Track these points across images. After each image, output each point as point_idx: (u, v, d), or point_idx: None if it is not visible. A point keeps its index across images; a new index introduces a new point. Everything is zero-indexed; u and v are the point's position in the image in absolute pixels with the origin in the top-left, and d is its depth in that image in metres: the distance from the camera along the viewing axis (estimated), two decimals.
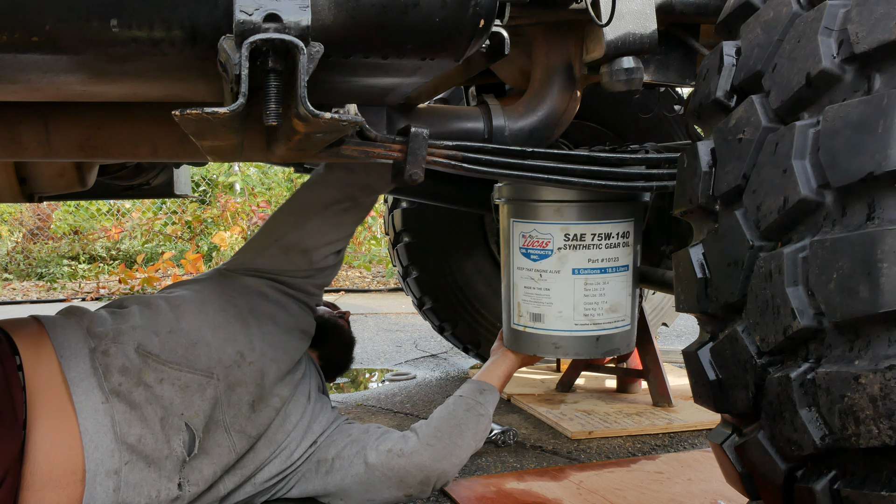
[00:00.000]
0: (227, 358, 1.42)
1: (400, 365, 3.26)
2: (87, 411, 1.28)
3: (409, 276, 2.81)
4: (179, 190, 2.48)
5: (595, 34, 1.32)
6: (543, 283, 1.61)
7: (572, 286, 1.59)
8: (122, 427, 1.30)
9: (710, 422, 2.18)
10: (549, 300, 1.61)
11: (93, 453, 1.26)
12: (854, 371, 0.79)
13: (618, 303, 1.62)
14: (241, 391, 1.42)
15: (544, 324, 1.62)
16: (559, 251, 1.58)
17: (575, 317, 1.59)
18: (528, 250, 1.62)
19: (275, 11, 0.80)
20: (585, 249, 1.58)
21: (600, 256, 1.59)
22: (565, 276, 1.59)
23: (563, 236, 1.58)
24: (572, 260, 1.58)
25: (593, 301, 1.60)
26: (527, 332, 1.65)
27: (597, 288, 1.60)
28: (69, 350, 1.33)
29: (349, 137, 1.21)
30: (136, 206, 7.38)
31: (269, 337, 1.50)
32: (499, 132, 1.42)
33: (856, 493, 0.82)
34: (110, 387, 1.31)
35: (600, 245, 1.58)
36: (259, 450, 1.47)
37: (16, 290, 6.27)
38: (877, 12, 0.83)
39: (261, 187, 7.46)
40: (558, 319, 1.61)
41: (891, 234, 0.77)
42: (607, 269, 1.60)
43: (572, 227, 1.57)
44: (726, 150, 0.98)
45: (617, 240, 1.59)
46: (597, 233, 1.58)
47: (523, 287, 1.64)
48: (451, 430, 1.51)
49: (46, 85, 1.01)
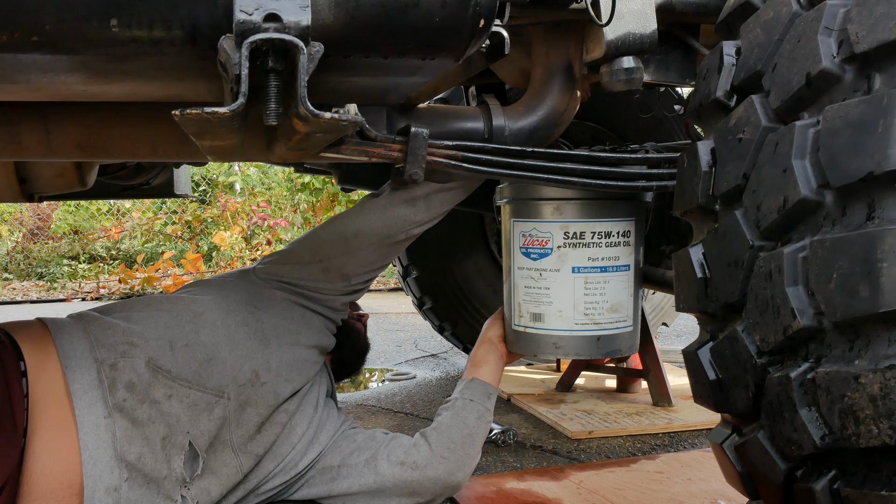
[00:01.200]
0: (241, 376, 1.39)
1: (400, 365, 3.26)
2: (88, 426, 1.25)
3: (409, 276, 2.81)
4: (179, 190, 2.48)
5: (595, 34, 1.32)
6: (543, 282, 1.60)
7: (572, 285, 1.58)
8: (122, 444, 1.27)
9: (710, 422, 2.18)
10: (549, 299, 1.60)
11: (91, 469, 1.24)
12: (854, 371, 0.79)
13: (619, 303, 1.62)
14: (251, 411, 1.40)
15: (544, 323, 1.62)
16: (559, 249, 1.58)
17: (575, 316, 1.59)
18: (528, 249, 1.62)
19: (275, 11, 0.80)
20: (585, 248, 1.58)
21: (600, 255, 1.59)
22: (565, 275, 1.58)
23: (562, 234, 1.58)
24: (572, 258, 1.57)
25: (594, 300, 1.59)
26: (527, 332, 1.65)
27: (597, 287, 1.59)
28: (74, 360, 1.29)
29: (349, 137, 1.21)
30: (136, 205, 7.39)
31: (287, 357, 1.46)
32: (499, 132, 1.42)
33: (856, 492, 0.82)
34: (114, 402, 1.28)
35: (600, 243, 1.58)
36: (263, 464, 1.44)
37: (16, 289, 6.27)
38: (877, 12, 0.83)
39: (261, 187, 7.46)
40: (558, 319, 1.60)
41: (891, 233, 0.77)
42: (608, 268, 1.60)
43: (572, 224, 1.57)
44: (726, 150, 0.98)
45: (617, 238, 1.59)
46: (597, 231, 1.57)
47: (524, 287, 1.64)
48: (464, 441, 1.49)
49: (46, 85, 1.01)
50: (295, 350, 1.49)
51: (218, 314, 1.43)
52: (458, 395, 1.58)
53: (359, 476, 1.47)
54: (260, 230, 6.86)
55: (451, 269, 2.78)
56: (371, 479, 1.46)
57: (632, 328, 1.66)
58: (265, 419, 1.41)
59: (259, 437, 1.41)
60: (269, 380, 1.42)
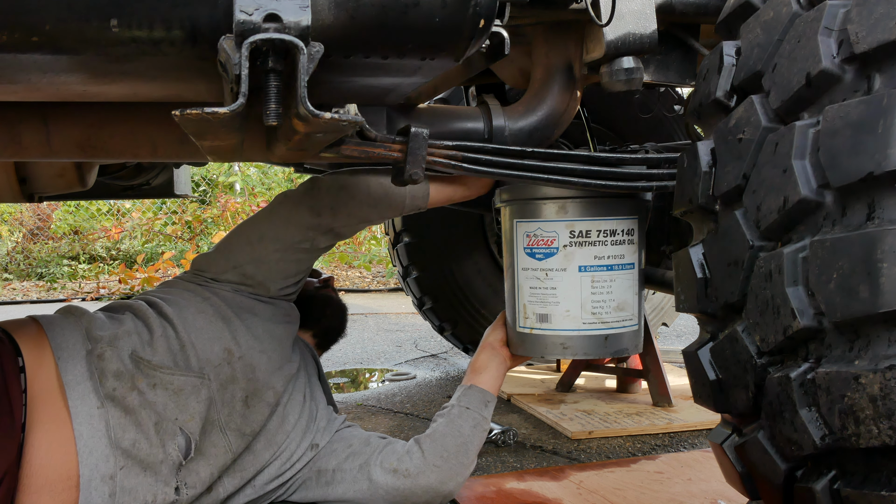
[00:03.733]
0: (215, 357, 1.41)
1: (400, 365, 3.26)
2: (82, 416, 1.27)
3: (409, 276, 2.81)
4: (179, 190, 2.48)
5: (595, 34, 1.32)
6: (550, 281, 1.59)
7: (579, 284, 1.57)
8: (116, 432, 1.29)
9: (710, 422, 2.18)
10: (556, 299, 1.59)
11: (87, 458, 1.25)
12: (854, 371, 0.79)
13: (625, 301, 1.61)
14: (234, 388, 1.41)
15: (551, 324, 1.60)
16: (565, 248, 1.57)
17: (583, 315, 1.58)
18: (532, 249, 1.61)
19: (275, 11, 0.80)
20: (591, 246, 1.56)
21: (606, 253, 1.58)
22: (572, 274, 1.57)
23: (568, 233, 1.56)
24: (578, 257, 1.56)
25: (601, 299, 1.58)
26: (533, 333, 1.63)
27: (604, 285, 1.58)
28: (66, 352, 1.32)
29: (349, 137, 1.21)
30: (136, 206, 7.39)
31: (252, 329, 1.47)
32: (499, 132, 1.42)
33: (856, 493, 0.82)
34: (105, 391, 1.30)
35: (606, 241, 1.57)
36: (258, 452, 1.45)
37: (16, 290, 6.27)
38: (877, 12, 0.83)
39: (261, 187, 7.46)
40: (566, 319, 1.59)
41: (891, 234, 0.77)
42: (614, 267, 1.59)
43: (577, 223, 1.56)
44: (726, 150, 0.98)
45: (622, 237, 1.58)
46: (602, 229, 1.57)
47: (529, 288, 1.63)
48: (457, 450, 1.47)
49: (46, 85, 1.01)
50: (257, 322, 1.49)
51: (173, 309, 1.45)
52: (455, 401, 1.56)
53: (353, 482, 1.48)
54: None
55: (451, 269, 2.78)
56: (364, 485, 1.47)
57: (637, 327, 1.65)
58: (249, 394, 1.42)
59: (248, 413, 1.42)
60: (243, 354, 1.43)
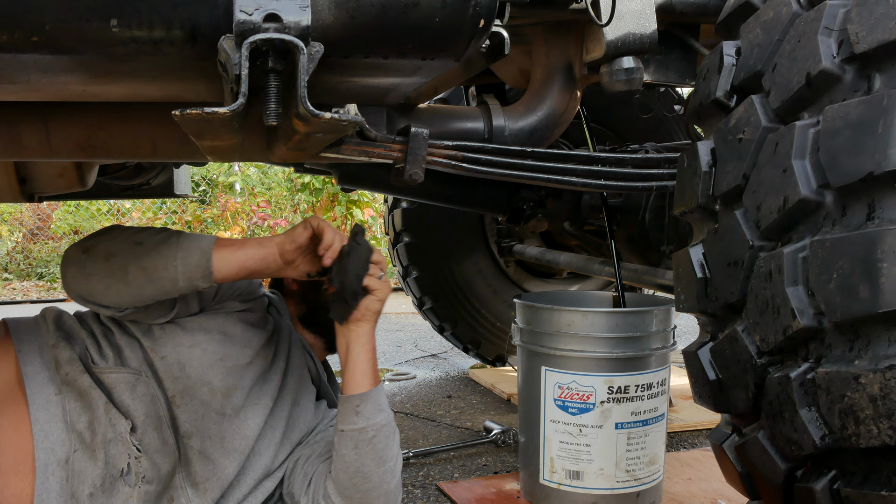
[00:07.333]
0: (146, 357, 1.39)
1: (400, 365, 3.26)
2: (38, 402, 1.31)
3: (409, 276, 2.81)
4: (179, 190, 2.48)
5: (595, 34, 1.32)
6: (584, 438, 1.53)
7: (615, 441, 1.52)
8: (72, 416, 1.32)
9: (710, 422, 2.18)
10: (590, 457, 1.53)
11: (42, 442, 1.29)
12: (854, 371, 0.79)
13: (657, 454, 1.57)
14: (169, 384, 1.38)
15: (583, 482, 1.54)
16: (602, 405, 1.51)
17: (617, 474, 1.53)
18: (565, 403, 1.54)
19: (275, 11, 0.80)
20: (629, 402, 1.51)
21: (643, 408, 1.53)
22: (608, 432, 1.51)
23: (606, 389, 1.51)
24: (616, 414, 1.51)
25: (635, 456, 1.54)
26: (561, 489, 1.57)
27: (638, 441, 1.54)
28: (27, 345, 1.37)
29: (349, 137, 1.21)
30: (136, 206, 7.38)
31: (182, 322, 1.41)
32: (499, 132, 1.42)
33: (856, 492, 0.82)
34: (61, 378, 1.33)
35: (643, 396, 1.52)
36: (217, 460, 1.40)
37: (16, 290, 6.27)
38: (877, 12, 0.83)
39: (261, 187, 7.46)
40: (599, 477, 1.53)
41: (891, 234, 0.77)
42: (648, 421, 1.54)
43: (617, 378, 1.51)
44: (726, 150, 0.98)
45: (657, 389, 1.54)
46: (640, 384, 1.52)
47: (558, 442, 1.56)
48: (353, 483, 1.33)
49: (46, 85, 1.01)
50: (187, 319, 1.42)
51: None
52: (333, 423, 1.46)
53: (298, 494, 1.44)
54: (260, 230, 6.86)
55: (451, 269, 2.77)
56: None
57: (662, 477, 1.60)
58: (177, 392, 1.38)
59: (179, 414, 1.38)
60: (167, 353, 1.38)
